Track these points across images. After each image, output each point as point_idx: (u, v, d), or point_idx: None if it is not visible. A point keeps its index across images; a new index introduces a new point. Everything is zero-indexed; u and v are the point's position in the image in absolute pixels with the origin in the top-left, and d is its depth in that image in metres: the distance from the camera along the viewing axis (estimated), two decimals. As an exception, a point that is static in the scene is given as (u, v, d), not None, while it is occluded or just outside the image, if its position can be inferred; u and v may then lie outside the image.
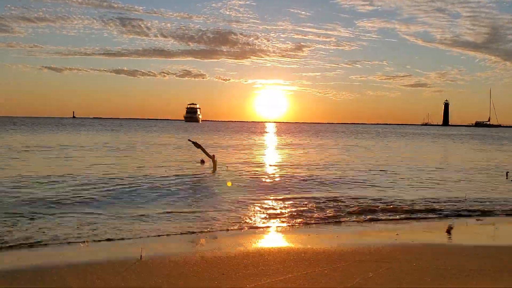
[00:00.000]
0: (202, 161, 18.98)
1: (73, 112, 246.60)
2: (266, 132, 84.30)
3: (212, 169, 17.37)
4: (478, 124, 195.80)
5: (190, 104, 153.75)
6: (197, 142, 19.39)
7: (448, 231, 8.65)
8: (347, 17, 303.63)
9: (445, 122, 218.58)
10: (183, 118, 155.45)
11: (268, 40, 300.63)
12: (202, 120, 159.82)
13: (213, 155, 18.27)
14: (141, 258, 5.96)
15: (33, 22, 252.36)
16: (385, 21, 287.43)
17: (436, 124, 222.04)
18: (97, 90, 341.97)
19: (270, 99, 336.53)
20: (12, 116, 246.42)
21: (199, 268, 5.53)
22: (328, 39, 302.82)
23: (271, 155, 27.07)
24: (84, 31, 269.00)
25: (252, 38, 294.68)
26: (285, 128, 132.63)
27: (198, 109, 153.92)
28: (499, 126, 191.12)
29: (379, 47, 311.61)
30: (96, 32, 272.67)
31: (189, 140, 19.99)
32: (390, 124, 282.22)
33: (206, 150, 18.93)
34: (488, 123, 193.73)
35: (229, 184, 13.69)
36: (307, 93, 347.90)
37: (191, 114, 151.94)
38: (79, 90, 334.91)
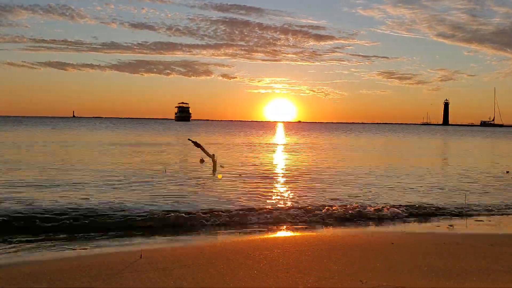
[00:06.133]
0: (202, 160, 18.97)
1: (73, 111, 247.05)
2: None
3: (212, 168, 17.36)
4: (484, 124, 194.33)
5: (180, 103, 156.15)
6: (197, 141, 19.36)
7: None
8: (370, 10, 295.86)
9: (445, 121, 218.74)
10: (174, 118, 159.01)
11: (285, 34, 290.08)
12: (192, 119, 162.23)
13: (213, 154, 18.25)
14: (141, 256, 5.94)
15: (35, 13, 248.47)
16: (409, 12, 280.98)
17: (436, 123, 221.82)
18: (97, 88, 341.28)
19: (271, 98, 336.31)
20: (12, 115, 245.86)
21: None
22: (346, 32, 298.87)
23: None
24: (89, 23, 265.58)
25: (270, 32, 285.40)
26: (292, 129, 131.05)
27: (188, 108, 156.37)
28: (502, 125, 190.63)
29: (398, 44, 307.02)
30: (101, 25, 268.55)
31: (189, 139, 19.93)
32: (396, 123, 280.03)
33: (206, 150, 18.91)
34: (492, 122, 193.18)
35: (219, 176, 14.85)
36: (313, 92, 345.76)
37: (182, 113, 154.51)
38: (80, 89, 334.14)
